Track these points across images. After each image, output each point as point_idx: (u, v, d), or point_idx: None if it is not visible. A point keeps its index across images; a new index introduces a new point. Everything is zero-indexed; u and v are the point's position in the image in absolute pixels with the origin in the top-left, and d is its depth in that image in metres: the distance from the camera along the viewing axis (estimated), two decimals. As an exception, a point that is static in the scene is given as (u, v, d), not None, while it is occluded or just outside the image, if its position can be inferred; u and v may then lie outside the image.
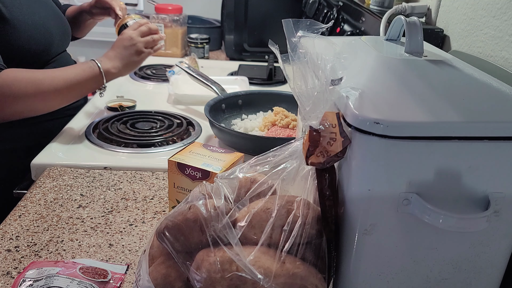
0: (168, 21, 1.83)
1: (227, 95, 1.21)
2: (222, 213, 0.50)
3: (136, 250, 0.73)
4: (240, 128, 1.12)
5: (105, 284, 0.64)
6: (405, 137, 0.45)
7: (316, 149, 0.48)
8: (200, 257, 0.49)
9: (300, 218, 0.49)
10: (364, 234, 0.49)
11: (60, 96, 0.99)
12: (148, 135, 1.11)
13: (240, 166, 0.56)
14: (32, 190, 0.87)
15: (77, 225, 0.78)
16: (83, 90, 1.04)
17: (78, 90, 1.02)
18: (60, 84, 0.98)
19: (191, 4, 2.33)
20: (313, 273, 0.50)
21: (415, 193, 0.47)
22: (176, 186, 0.73)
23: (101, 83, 1.04)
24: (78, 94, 1.04)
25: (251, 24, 1.82)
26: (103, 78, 1.04)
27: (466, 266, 0.52)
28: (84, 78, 1.01)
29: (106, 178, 0.93)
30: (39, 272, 0.63)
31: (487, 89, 0.54)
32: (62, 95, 0.99)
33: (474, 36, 0.83)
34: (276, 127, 1.10)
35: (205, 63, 1.75)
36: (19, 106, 0.96)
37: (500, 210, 0.48)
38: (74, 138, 1.08)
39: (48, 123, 1.17)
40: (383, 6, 1.20)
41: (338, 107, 0.50)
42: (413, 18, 0.60)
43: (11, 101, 0.94)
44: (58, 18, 1.24)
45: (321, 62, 0.50)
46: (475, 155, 0.47)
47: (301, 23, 0.53)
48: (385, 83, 0.53)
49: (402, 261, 0.51)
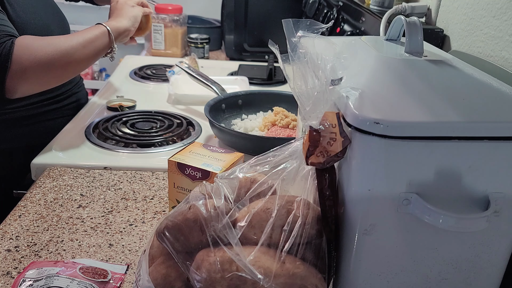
0: (168, 21, 1.83)
1: (227, 95, 1.21)
2: (222, 213, 0.50)
3: (136, 250, 0.73)
4: (240, 128, 1.12)
5: (105, 284, 0.64)
6: (405, 137, 0.45)
7: (316, 149, 0.48)
8: (200, 257, 0.49)
9: (300, 218, 0.49)
10: (364, 234, 0.49)
11: (76, 55, 1.00)
12: (148, 135, 1.11)
13: (240, 166, 0.56)
14: (32, 190, 0.87)
15: (77, 225, 0.78)
16: (96, 49, 1.06)
17: (92, 48, 1.04)
18: (75, 42, 1.00)
19: (191, 4, 2.33)
20: (313, 273, 0.50)
21: (415, 193, 0.47)
22: (176, 186, 0.73)
23: (111, 40, 1.08)
24: (92, 53, 1.05)
25: (251, 24, 1.82)
26: (111, 34, 1.08)
27: (466, 266, 0.52)
28: (95, 35, 1.04)
29: (106, 178, 0.93)
30: (39, 272, 0.63)
31: (487, 89, 0.54)
32: (78, 53, 1.01)
33: (474, 36, 0.83)
34: (276, 127, 1.10)
35: (205, 63, 1.75)
36: (42, 70, 0.96)
37: (500, 210, 0.48)
38: (74, 138, 1.08)
39: (48, 122, 1.18)
40: (383, 6, 1.20)
41: (338, 107, 0.50)
42: (413, 18, 0.60)
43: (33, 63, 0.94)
44: (58, 17, 1.24)
45: (321, 62, 0.50)
46: (475, 155, 0.47)
47: (301, 23, 0.53)
48: (385, 83, 0.53)
49: (402, 261, 0.51)
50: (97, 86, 3.13)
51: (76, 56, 1.00)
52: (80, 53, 1.01)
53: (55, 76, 1.01)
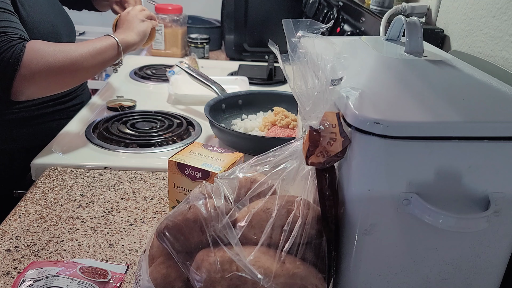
0: (168, 21, 1.83)
1: (227, 95, 1.21)
2: (222, 213, 0.50)
3: (136, 250, 0.73)
4: (240, 128, 1.12)
5: (105, 284, 0.64)
6: (405, 137, 0.45)
7: (316, 149, 0.48)
8: (200, 257, 0.49)
9: (300, 218, 0.49)
10: (364, 234, 0.49)
11: (85, 64, 1.02)
12: (148, 135, 1.11)
13: (240, 166, 0.56)
14: (32, 190, 0.87)
15: (77, 225, 0.78)
16: (104, 60, 1.07)
17: (100, 59, 1.05)
18: (84, 51, 1.01)
19: (191, 4, 2.33)
20: (313, 273, 0.50)
21: (415, 193, 0.47)
22: (176, 186, 0.73)
23: (119, 52, 1.09)
24: (100, 63, 1.06)
25: (251, 24, 1.82)
26: (120, 46, 1.09)
27: (466, 266, 0.52)
28: (104, 46, 1.05)
29: (106, 178, 0.93)
30: (39, 272, 0.63)
31: (487, 89, 0.54)
32: (87, 62, 1.02)
33: (474, 36, 0.83)
34: (276, 127, 1.10)
35: (205, 63, 1.75)
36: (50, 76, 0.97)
37: (500, 210, 0.48)
38: (74, 138, 1.08)
39: (49, 123, 1.18)
40: (383, 6, 1.20)
41: (338, 107, 0.50)
42: (413, 18, 0.60)
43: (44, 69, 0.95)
44: (65, 17, 1.25)
45: (321, 62, 0.50)
46: (475, 155, 0.47)
47: (301, 23, 0.53)
48: (385, 83, 0.53)
49: (402, 261, 0.51)
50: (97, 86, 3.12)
51: (84, 65, 1.01)
52: (88, 63, 1.02)
53: (62, 82, 1.02)
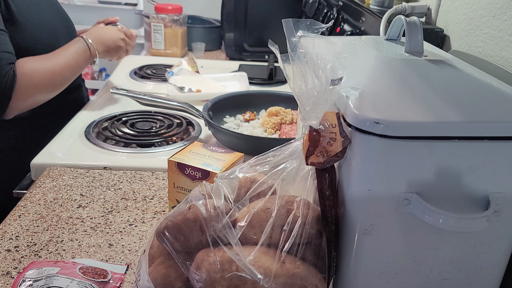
0: (168, 21, 1.83)
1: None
2: (222, 213, 0.50)
3: (136, 250, 0.73)
4: (238, 127, 1.12)
5: (105, 284, 0.64)
6: (405, 137, 0.45)
7: (316, 149, 0.48)
8: (200, 257, 0.49)
9: (300, 218, 0.49)
10: (364, 234, 0.49)
11: (67, 82, 1.15)
12: (148, 135, 1.11)
13: (240, 166, 0.56)
14: (32, 190, 0.87)
15: (77, 225, 0.78)
16: (81, 70, 1.21)
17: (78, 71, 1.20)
18: (67, 71, 1.13)
19: (191, 4, 2.33)
20: (313, 273, 0.50)
21: (415, 193, 0.47)
22: (176, 186, 0.73)
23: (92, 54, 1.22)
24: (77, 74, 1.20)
25: (251, 24, 1.82)
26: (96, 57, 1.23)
27: (466, 266, 0.52)
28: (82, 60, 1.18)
29: (106, 178, 0.93)
30: (39, 272, 0.63)
31: (487, 89, 0.54)
32: (68, 80, 1.16)
33: (474, 36, 0.83)
34: (284, 126, 1.09)
35: (205, 63, 1.75)
36: (39, 95, 1.09)
37: (500, 210, 0.48)
38: (74, 138, 1.08)
39: (48, 123, 1.17)
40: (383, 6, 1.20)
41: (338, 107, 0.50)
42: (413, 18, 0.60)
43: (33, 91, 1.06)
44: (63, 18, 1.24)
45: (321, 62, 0.50)
46: (475, 155, 0.47)
47: (301, 23, 0.53)
48: (385, 83, 0.53)
49: (402, 261, 0.51)
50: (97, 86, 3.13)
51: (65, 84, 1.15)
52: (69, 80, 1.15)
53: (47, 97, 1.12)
